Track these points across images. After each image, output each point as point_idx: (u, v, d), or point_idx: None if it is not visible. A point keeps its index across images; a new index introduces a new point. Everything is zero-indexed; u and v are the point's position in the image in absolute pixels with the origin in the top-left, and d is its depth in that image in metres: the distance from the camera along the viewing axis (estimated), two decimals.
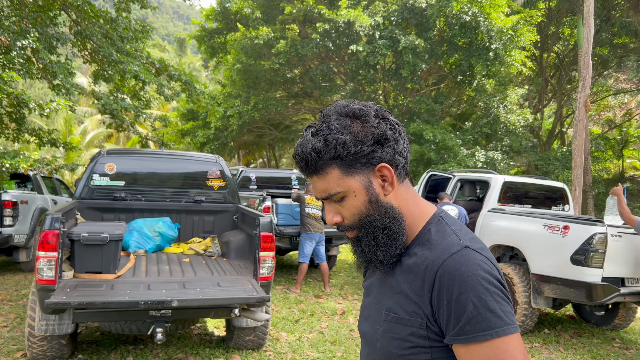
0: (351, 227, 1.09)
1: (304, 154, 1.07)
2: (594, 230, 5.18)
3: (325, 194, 1.08)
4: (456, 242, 1.02)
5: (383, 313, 1.08)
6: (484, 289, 0.94)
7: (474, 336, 0.93)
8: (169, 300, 3.51)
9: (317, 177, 1.08)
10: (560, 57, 21.18)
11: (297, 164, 1.09)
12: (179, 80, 8.52)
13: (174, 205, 5.56)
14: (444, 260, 0.98)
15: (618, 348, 5.65)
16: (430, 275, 0.99)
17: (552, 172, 16.57)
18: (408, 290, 1.04)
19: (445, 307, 0.96)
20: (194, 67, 37.38)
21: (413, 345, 1.01)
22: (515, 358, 0.92)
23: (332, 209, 1.10)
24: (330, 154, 1.04)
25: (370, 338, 1.13)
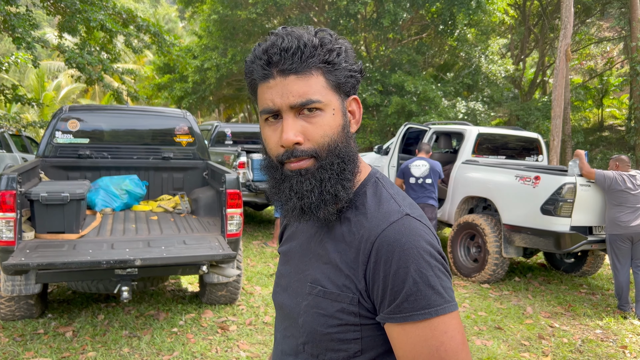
0: (312, 152, 0.89)
1: (290, 42, 0.87)
2: (564, 180, 5.21)
3: (301, 100, 0.88)
4: (395, 209, 0.90)
5: (307, 285, 0.95)
6: (425, 263, 0.84)
7: (411, 315, 0.83)
8: (132, 259, 3.47)
9: (295, 77, 0.88)
10: (543, 5, 20.83)
11: (273, 54, 0.88)
12: (147, 32, 8.20)
13: (142, 163, 5.44)
14: (383, 230, 0.87)
15: (584, 294, 5.81)
16: (367, 246, 0.88)
17: (532, 122, 16.61)
18: (339, 261, 0.91)
19: (381, 281, 0.85)
20: (169, 18, 36.13)
21: (341, 322, 0.90)
22: (454, 339, 0.84)
23: (297, 126, 0.89)
24: (324, 55, 0.89)
25: (289, 312, 1.00)
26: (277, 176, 0.94)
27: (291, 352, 1.00)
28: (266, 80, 0.90)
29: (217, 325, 4.34)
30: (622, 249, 5.06)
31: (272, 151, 0.93)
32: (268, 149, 0.95)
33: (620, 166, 5.21)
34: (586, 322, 4.87)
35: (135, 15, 8.54)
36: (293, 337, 0.99)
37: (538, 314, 5.02)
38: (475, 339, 4.30)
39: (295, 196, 0.91)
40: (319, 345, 0.93)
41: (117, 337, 3.98)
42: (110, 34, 7.91)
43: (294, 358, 0.99)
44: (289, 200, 0.92)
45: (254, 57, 0.92)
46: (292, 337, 0.99)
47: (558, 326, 4.70)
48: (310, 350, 0.95)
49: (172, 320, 4.41)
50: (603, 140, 20.39)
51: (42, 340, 3.87)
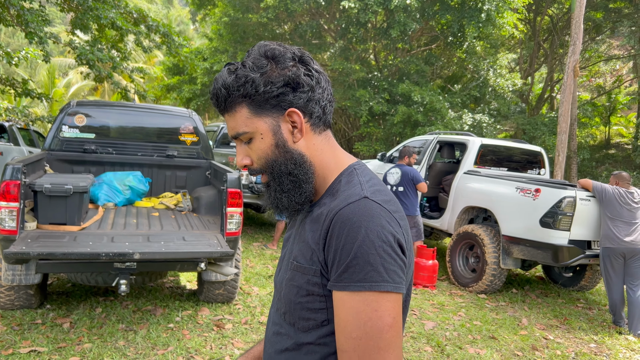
0: (259, 170, 1.09)
1: (215, 89, 1.06)
2: (564, 193, 5.23)
3: (232, 132, 1.07)
4: (357, 192, 0.99)
5: (290, 262, 1.08)
6: (369, 241, 0.91)
7: (348, 285, 0.91)
8: (131, 252, 3.52)
9: (227, 115, 1.06)
10: (554, 21, 20.87)
11: (210, 99, 1.08)
12: (157, 32, 8.29)
13: (146, 160, 5.50)
14: (340, 209, 0.96)
15: (581, 308, 5.80)
16: (326, 223, 0.98)
17: (538, 137, 16.59)
18: (310, 238, 1.02)
19: (332, 254, 0.95)
20: (181, 20, 36.42)
21: (309, 292, 1.00)
22: (382, 319, 0.90)
23: (242, 151, 1.09)
24: (239, 91, 1.03)
25: (278, 287, 1.13)
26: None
27: (278, 322, 1.12)
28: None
29: (213, 323, 4.37)
30: (615, 264, 5.07)
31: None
32: None
33: (620, 183, 5.23)
34: (581, 335, 4.87)
35: (145, 15, 8.64)
36: (279, 309, 1.11)
37: (533, 326, 5.02)
38: (468, 347, 4.31)
39: (269, 200, 1.12)
40: (294, 314, 1.04)
41: (114, 330, 4.03)
42: (121, 32, 8.01)
43: (279, 327, 1.10)
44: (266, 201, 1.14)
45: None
46: (279, 309, 1.11)
47: (552, 338, 4.71)
48: (289, 319, 1.06)
49: (169, 316, 4.46)
50: (609, 157, 20.32)
51: (39, 330, 3.92)
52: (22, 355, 3.48)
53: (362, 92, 14.89)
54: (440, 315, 5.11)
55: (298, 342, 1.04)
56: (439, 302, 5.59)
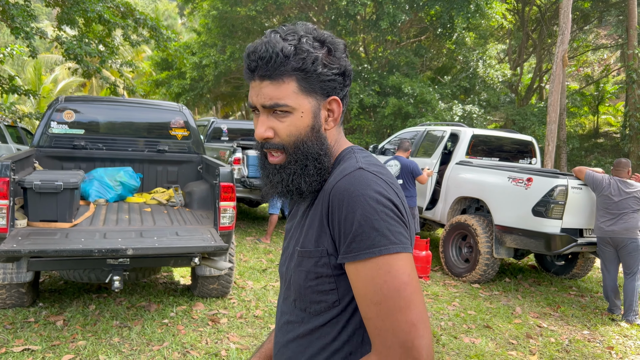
0: (280, 146, 1.03)
1: (268, 52, 0.99)
2: (556, 182, 5.26)
3: (271, 102, 1.00)
4: (352, 165, 1.01)
5: (295, 249, 1.08)
6: (370, 208, 0.92)
7: (358, 254, 0.92)
8: (124, 248, 3.49)
9: (269, 82, 1.00)
10: (542, 11, 20.93)
11: (251, 61, 1.01)
12: (145, 26, 8.19)
13: (137, 155, 5.46)
14: (337, 182, 0.98)
15: (573, 296, 5.86)
16: (326, 198, 0.99)
17: (528, 127, 16.68)
18: (314, 221, 1.03)
19: (337, 227, 0.95)
20: (169, 15, 36.10)
21: (317, 275, 1.01)
22: (397, 278, 0.90)
23: (267, 122, 1.03)
24: (298, 63, 0.99)
25: (284, 276, 1.13)
26: (262, 162, 1.11)
27: (287, 311, 1.12)
28: (249, 80, 1.04)
29: (208, 318, 4.36)
30: (606, 252, 5.11)
31: (257, 141, 1.08)
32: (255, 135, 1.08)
33: (615, 169, 5.25)
34: (574, 323, 4.91)
35: (133, 9, 8.54)
36: (288, 298, 1.11)
37: (527, 314, 5.06)
38: (463, 337, 4.33)
39: (270, 184, 1.09)
40: (304, 298, 1.04)
41: (108, 327, 4.00)
42: (108, 27, 7.91)
43: (289, 316, 1.11)
44: (264, 185, 1.11)
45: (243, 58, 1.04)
46: (287, 297, 1.11)
47: (546, 326, 4.74)
48: (300, 305, 1.06)
49: (163, 311, 4.43)
50: (598, 147, 20.49)
51: (32, 329, 3.88)
52: (15, 354, 3.44)
53: (353, 84, 14.86)
54: (435, 306, 5.13)
55: (311, 327, 1.05)
56: (433, 292, 5.62)
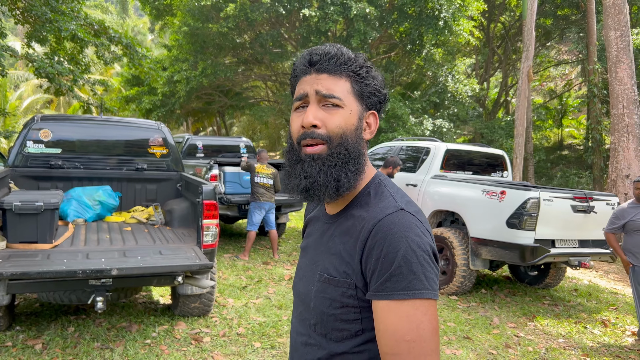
0: (325, 137, 1.04)
1: (334, 50, 1.06)
2: (528, 195, 5.44)
3: (327, 92, 1.04)
4: (392, 204, 1.04)
5: (317, 274, 1.10)
6: (411, 251, 0.96)
7: (391, 294, 0.95)
8: (109, 268, 3.45)
9: (327, 75, 1.05)
10: (506, 28, 21.64)
11: (314, 55, 1.06)
12: (119, 43, 8.15)
13: (115, 173, 5.41)
14: (379, 220, 1.00)
15: (547, 305, 6.03)
16: (364, 234, 1.01)
17: (496, 140, 17.14)
18: (342, 250, 1.05)
19: (372, 263, 0.98)
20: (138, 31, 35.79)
21: (343, 304, 1.03)
22: (431, 324, 0.94)
23: (318, 113, 1.05)
24: (355, 68, 1.07)
25: (304, 298, 1.15)
26: (293, 158, 1.09)
27: (305, 332, 1.14)
28: (304, 75, 1.08)
29: (191, 337, 4.32)
30: None
31: (293, 133, 1.09)
32: (291, 132, 1.10)
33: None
34: (549, 331, 5.06)
35: (107, 27, 8.49)
36: (306, 320, 1.13)
37: (504, 324, 5.19)
38: (445, 349, 4.42)
39: (303, 175, 1.06)
40: (326, 325, 1.07)
41: (89, 349, 3.93)
42: (81, 45, 7.83)
43: (307, 338, 1.13)
44: (297, 178, 1.07)
45: (300, 57, 1.10)
46: (305, 319, 1.14)
47: (523, 335, 4.87)
48: (320, 330, 1.09)
49: (145, 332, 4.38)
50: (563, 158, 21.17)
51: (10, 353, 3.78)
52: None
53: None
54: None
55: (331, 353, 1.07)
56: None
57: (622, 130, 11.22)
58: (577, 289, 6.93)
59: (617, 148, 11.28)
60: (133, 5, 39.61)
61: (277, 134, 30.27)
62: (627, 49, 11.27)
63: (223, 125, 28.16)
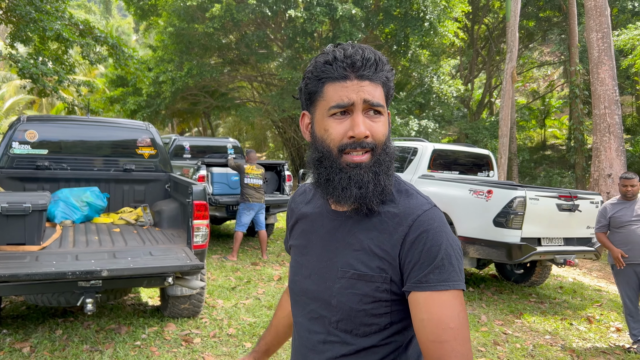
0: (373, 146, 1.05)
1: (374, 56, 1.05)
2: (515, 194, 5.51)
3: (374, 100, 1.04)
4: (424, 201, 1.09)
5: (339, 270, 1.10)
6: (449, 245, 1.02)
7: (435, 285, 1.00)
8: (99, 270, 3.43)
9: (369, 82, 1.04)
10: (490, 29, 21.88)
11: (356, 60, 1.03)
12: (105, 44, 8.07)
13: (103, 174, 5.36)
14: (419, 216, 1.04)
15: (534, 302, 6.12)
16: (403, 229, 1.04)
17: (481, 140, 17.32)
18: (373, 246, 1.06)
19: (415, 256, 1.01)
20: (122, 31, 35.46)
21: (375, 299, 1.05)
22: (465, 312, 1.02)
23: (365, 121, 1.04)
24: (387, 73, 1.08)
25: (317, 295, 1.14)
26: (333, 166, 1.06)
27: (322, 331, 1.13)
28: (343, 80, 1.04)
29: (181, 338, 4.31)
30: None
31: (334, 141, 1.06)
32: (329, 140, 1.07)
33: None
34: (536, 328, 5.14)
35: (92, 27, 8.41)
36: (323, 318, 1.13)
37: (492, 322, 5.25)
38: None
39: (355, 186, 1.05)
40: (354, 320, 1.07)
41: (78, 352, 3.89)
42: (66, 45, 7.74)
43: (325, 336, 1.13)
44: (346, 189, 1.05)
45: (331, 59, 1.05)
46: (321, 317, 1.13)
47: (511, 333, 4.94)
48: (344, 327, 1.09)
49: (134, 333, 4.35)
50: (546, 158, 21.46)
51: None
52: None
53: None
54: None
55: (358, 348, 1.09)
56: None
57: (604, 130, 11.42)
58: (562, 287, 7.04)
59: (599, 148, 11.48)
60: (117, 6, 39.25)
61: (263, 134, 30.21)
62: (609, 50, 11.47)
63: (209, 126, 28.03)
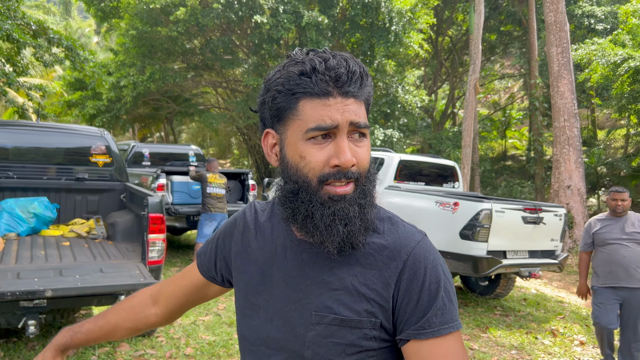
0: (357, 175, 0.89)
1: (359, 68, 0.88)
2: (481, 206, 5.48)
3: (360, 122, 0.88)
4: (415, 230, 0.95)
5: (313, 314, 0.90)
6: (447, 279, 0.90)
7: (439, 329, 0.86)
8: (42, 290, 3.16)
9: (354, 100, 0.88)
10: (453, 42, 22.27)
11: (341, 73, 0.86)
12: (59, 45, 7.70)
13: (53, 184, 5.04)
14: (413, 249, 0.90)
15: (499, 315, 6.09)
16: (396, 264, 0.89)
17: (444, 150, 17.53)
18: (358, 285, 0.89)
19: (415, 296, 0.87)
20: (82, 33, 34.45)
21: (362, 349, 0.88)
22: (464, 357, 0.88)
23: (350, 147, 0.88)
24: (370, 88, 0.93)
25: (285, 345, 0.93)
26: (313, 200, 0.88)
27: None
28: (324, 97, 0.86)
29: (135, 359, 4.04)
30: None
31: (313, 170, 0.88)
32: (307, 168, 0.88)
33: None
34: (502, 342, 5.09)
35: (46, 27, 8.01)
36: None
37: None
38: None
39: (341, 223, 0.87)
40: None
41: None
42: (17, 45, 7.34)
43: None
44: (330, 227, 0.87)
45: (309, 70, 0.86)
46: None
47: (477, 348, 4.87)
48: None
49: (83, 355, 4.05)
50: (507, 169, 21.90)
51: None
52: None
53: None
54: None
55: None
56: None
57: (563, 143, 11.68)
58: (526, 299, 7.07)
59: (559, 160, 11.73)
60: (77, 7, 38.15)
61: (228, 141, 29.81)
62: (568, 64, 11.77)
63: (171, 132, 27.44)
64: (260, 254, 1.02)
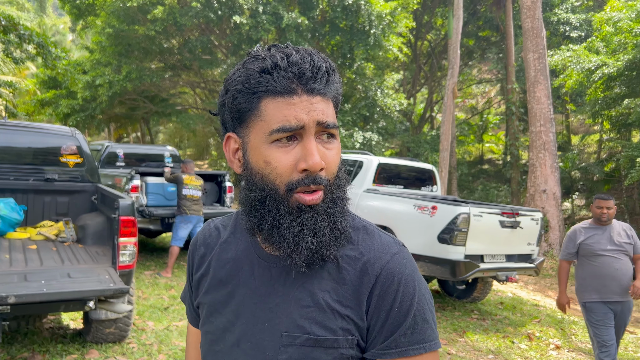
0: (326, 182, 0.81)
1: (325, 64, 0.82)
2: (459, 210, 5.47)
3: (328, 121, 0.81)
4: (391, 241, 0.88)
5: (283, 335, 0.83)
6: (422, 296, 0.83)
7: (407, 349, 0.80)
8: (4, 296, 3.01)
9: (320, 98, 0.81)
10: (432, 46, 22.44)
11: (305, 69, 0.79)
12: (30, 42, 7.47)
13: (20, 184, 4.85)
14: (387, 262, 0.83)
15: (476, 319, 6.10)
16: (368, 279, 0.82)
17: (422, 154, 17.62)
18: (331, 301, 0.82)
19: (383, 314, 0.81)
20: (57, 30, 33.75)
21: None
22: None
23: (318, 149, 0.81)
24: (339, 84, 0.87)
25: None
26: (280, 209, 0.81)
27: None
28: (288, 95, 0.79)
29: None
30: None
31: (280, 177, 0.80)
32: (273, 175, 0.81)
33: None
34: (479, 347, 5.08)
35: (16, 23, 7.77)
36: None
37: None
38: None
39: (309, 233, 0.80)
40: None
41: None
42: None
43: None
44: (298, 238, 0.80)
45: (270, 67, 0.79)
46: None
47: (455, 353, 4.85)
48: None
49: None
50: (483, 172, 22.14)
51: None
52: None
53: None
54: None
55: None
56: None
57: (539, 147, 11.82)
58: (502, 302, 7.10)
59: (535, 164, 11.87)
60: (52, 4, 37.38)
61: (206, 142, 29.49)
62: (544, 70, 11.93)
63: (148, 132, 27.02)
64: (223, 273, 0.94)
